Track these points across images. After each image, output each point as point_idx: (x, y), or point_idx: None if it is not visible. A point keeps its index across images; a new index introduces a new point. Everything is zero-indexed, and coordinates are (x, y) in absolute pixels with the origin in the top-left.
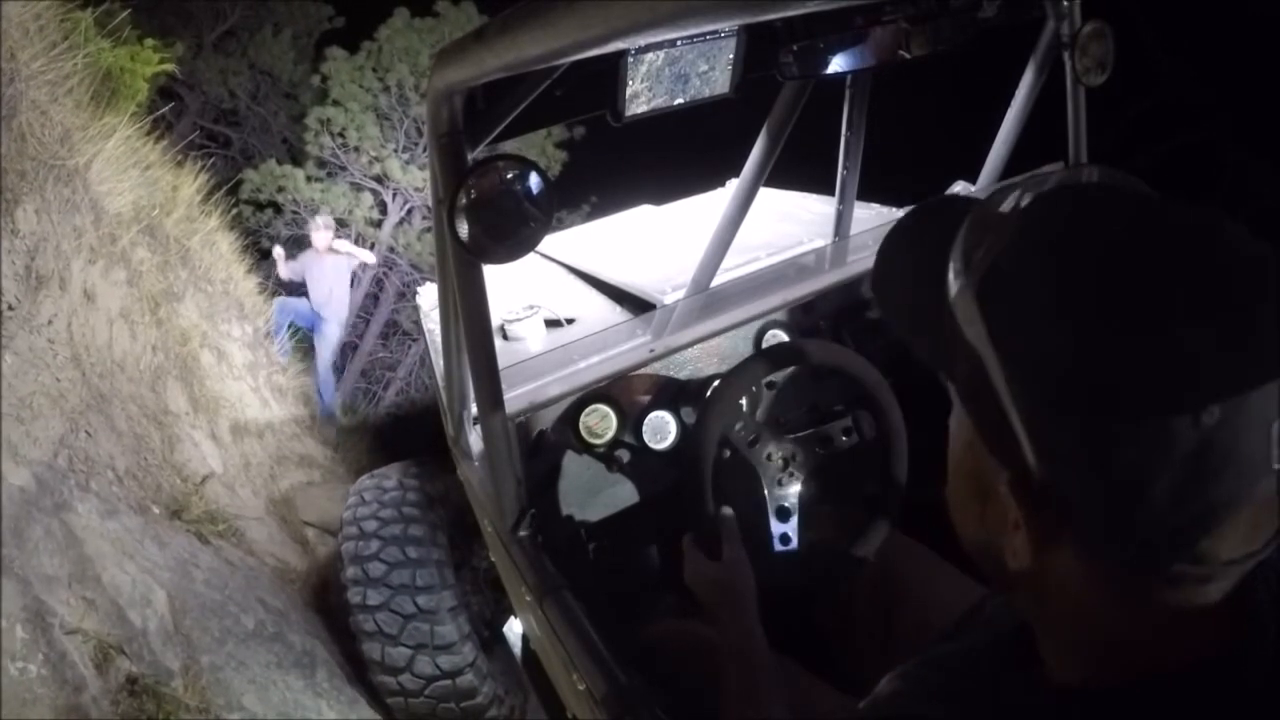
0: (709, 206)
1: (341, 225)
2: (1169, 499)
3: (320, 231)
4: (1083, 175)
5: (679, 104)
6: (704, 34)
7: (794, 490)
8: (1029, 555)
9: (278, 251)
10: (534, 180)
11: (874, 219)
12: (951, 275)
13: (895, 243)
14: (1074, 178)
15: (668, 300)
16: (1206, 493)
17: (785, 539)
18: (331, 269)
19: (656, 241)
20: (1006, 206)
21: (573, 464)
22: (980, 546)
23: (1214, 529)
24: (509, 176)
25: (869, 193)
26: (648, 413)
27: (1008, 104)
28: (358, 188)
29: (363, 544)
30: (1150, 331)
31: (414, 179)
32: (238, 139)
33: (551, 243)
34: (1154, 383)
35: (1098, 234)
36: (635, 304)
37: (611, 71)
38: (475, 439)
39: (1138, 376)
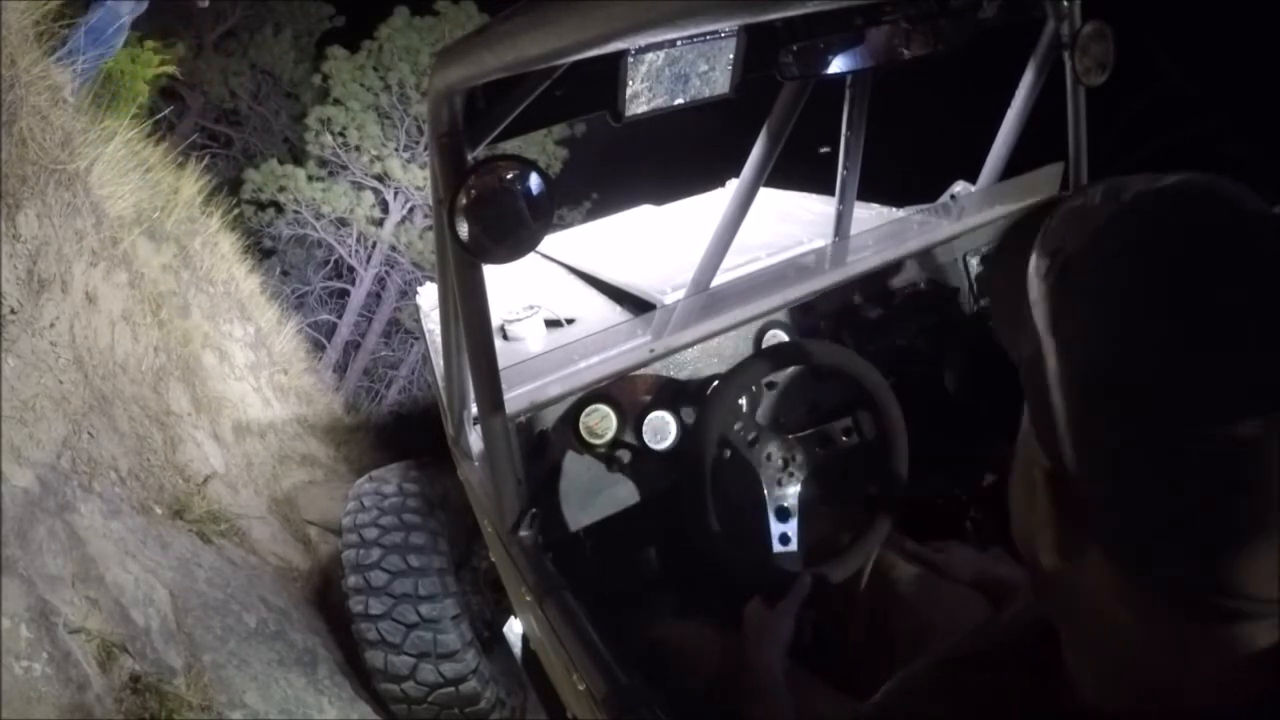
0: (709, 206)
1: (343, 224)
2: (1196, 514)
3: None
4: (1181, 179)
5: (679, 104)
6: (704, 34)
7: (794, 490)
8: (1056, 555)
9: None
10: (534, 180)
11: (874, 219)
12: (1033, 259)
13: (1010, 235)
14: (1176, 180)
15: (668, 300)
16: (1237, 514)
17: (785, 539)
18: None
19: (656, 241)
20: (1095, 200)
21: (573, 464)
22: (1024, 539)
23: (1244, 557)
24: (509, 176)
25: (869, 193)
26: (648, 413)
27: (1008, 104)
28: (359, 186)
29: (364, 552)
30: (1199, 342)
31: (415, 178)
32: (239, 139)
33: (551, 243)
34: (1196, 393)
35: (1174, 240)
36: (635, 304)
37: (611, 71)
38: (475, 439)
39: (1179, 385)
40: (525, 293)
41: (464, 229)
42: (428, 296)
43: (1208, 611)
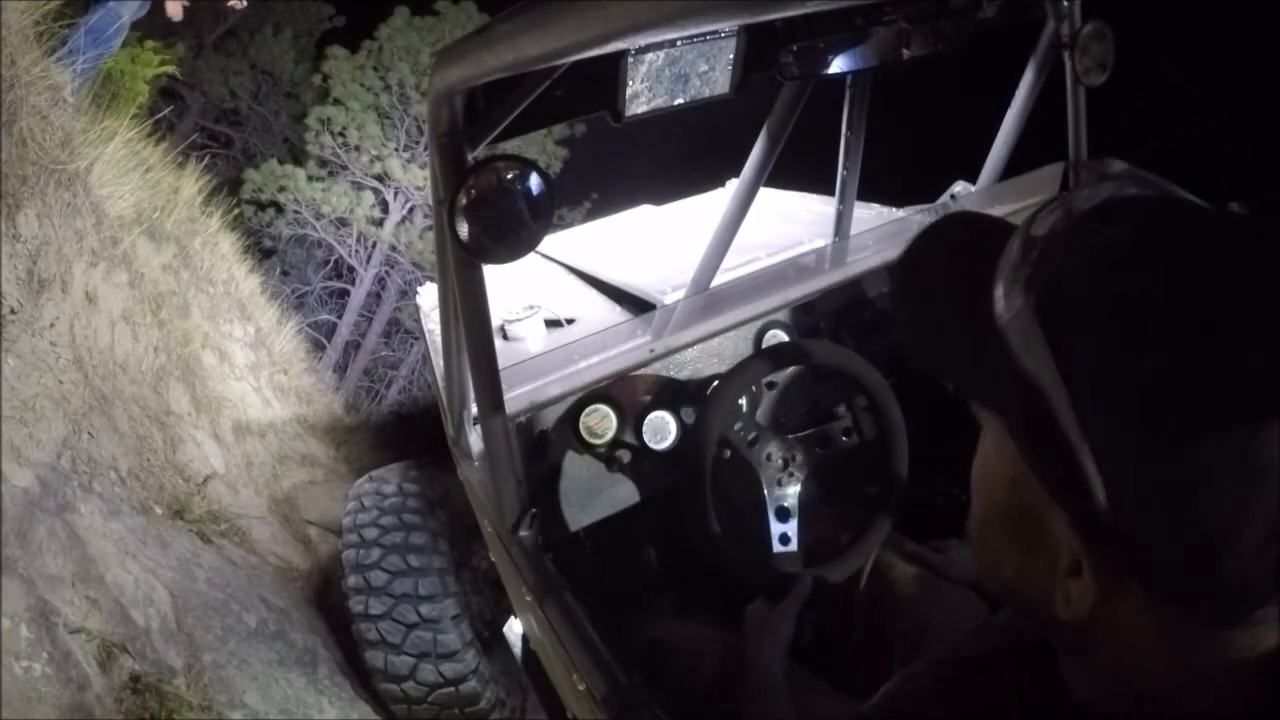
0: (709, 206)
1: (343, 224)
2: (1259, 533)
3: None
4: (1119, 182)
5: (679, 104)
6: (704, 34)
7: (794, 490)
8: (1087, 604)
9: None
10: (534, 180)
11: (874, 219)
12: (1000, 297)
13: (914, 270)
14: (1117, 188)
15: (668, 300)
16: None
17: (785, 539)
18: None
19: (656, 241)
20: (1056, 222)
21: (573, 464)
22: (1017, 594)
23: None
24: (509, 176)
25: (869, 193)
26: (648, 413)
27: (1008, 104)
28: (359, 186)
29: (364, 552)
30: (1232, 345)
31: (415, 178)
32: (239, 139)
33: (551, 243)
34: (1239, 396)
35: (1167, 245)
36: (635, 304)
37: (611, 71)
38: (475, 439)
39: (1222, 391)
40: (525, 293)
41: (464, 229)
42: (428, 296)
43: (1257, 624)
